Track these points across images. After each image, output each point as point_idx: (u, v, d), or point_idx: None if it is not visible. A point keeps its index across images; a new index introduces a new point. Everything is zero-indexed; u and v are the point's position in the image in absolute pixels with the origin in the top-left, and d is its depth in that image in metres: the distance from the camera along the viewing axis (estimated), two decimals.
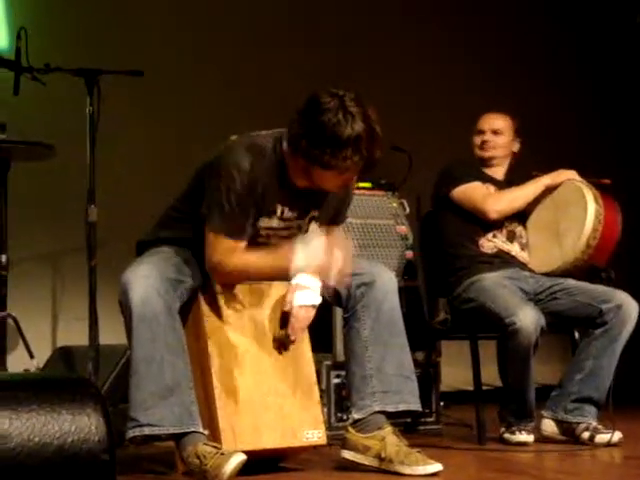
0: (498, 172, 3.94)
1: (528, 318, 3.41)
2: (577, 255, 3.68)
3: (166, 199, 3.05)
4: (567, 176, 3.82)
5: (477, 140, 3.93)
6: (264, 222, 2.87)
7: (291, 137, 2.78)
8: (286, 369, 2.94)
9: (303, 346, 3.00)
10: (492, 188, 3.86)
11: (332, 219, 3.06)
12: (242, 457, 2.64)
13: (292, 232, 2.95)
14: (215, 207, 2.79)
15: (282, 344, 2.94)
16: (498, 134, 3.91)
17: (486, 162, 3.93)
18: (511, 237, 3.85)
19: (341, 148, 2.68)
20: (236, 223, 2.79)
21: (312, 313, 2.90)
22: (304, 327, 2.93)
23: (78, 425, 1.49)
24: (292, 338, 2.92)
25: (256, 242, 2.89)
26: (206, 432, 2.76)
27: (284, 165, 2.84)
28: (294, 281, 2.85)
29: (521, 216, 3.88)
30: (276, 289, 3.00)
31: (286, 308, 2.89)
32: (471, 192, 3.82)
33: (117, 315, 2.88)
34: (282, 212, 2.89)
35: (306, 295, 2.87)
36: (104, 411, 1.52)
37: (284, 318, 2.93)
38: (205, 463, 2.64)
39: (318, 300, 2.90)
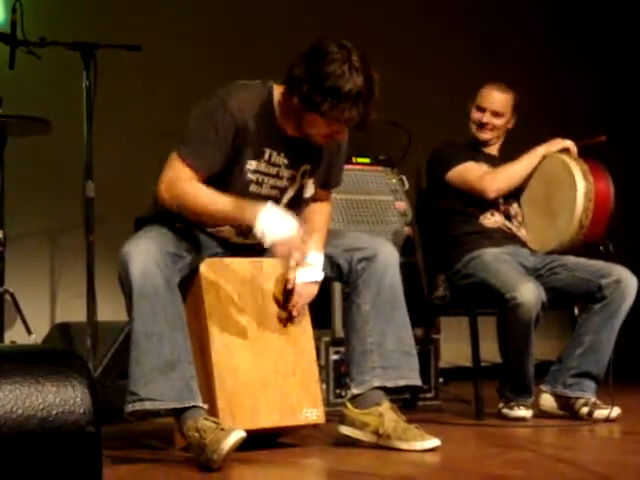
0: (493, 149, 3.92)
1: (529, 292, 3.40)
2: (572, 235, 3.65)
3: None
4: (563, 145, 3.77)
5: (475, 117, 3.86)
6: (252, 165, 2.85)
7: (292, 78, 2.77)
8: (286, 347, 2.93)
9: (304, 324, 2.99)
10: (485, 167, 3.82)
11: (325, 180, 3.05)
12: (242, 434, 2.62)
13: (284, 184, 2.92)
14: (189, 132, 2.82)
15: (284, 321, 2.94)
16: (499, 116, 3.84)
17: (482, 142, 3.89)
18: (508, 216, 3.83)
19: (340, 100, 2.69)
20: (203, 152, 2.78)
21: (315, 289, 2.93)
22: (307, 304, 2.95)
23: (63, 397, 1.47)
24: (295, 314, 2.93)
25: (247, 190, 2.86)
26: (206, 407, 2.74)
27: (273, 111, 2.85)
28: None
29: (514, 193, 3.83)
30: (277, 266, 2.97)
31: (289, 286, 2.90)
32: (466, 173, 3.78)
33: (115, 291, 2.87)
34: (270, 156, 2.87)
35: (309, 272, 2.89)
36: (89, 383, 1.50)
37: (286, 295, 2.93)
38: (204, 437, 2.62)
39: (321, 276, 2.92)
